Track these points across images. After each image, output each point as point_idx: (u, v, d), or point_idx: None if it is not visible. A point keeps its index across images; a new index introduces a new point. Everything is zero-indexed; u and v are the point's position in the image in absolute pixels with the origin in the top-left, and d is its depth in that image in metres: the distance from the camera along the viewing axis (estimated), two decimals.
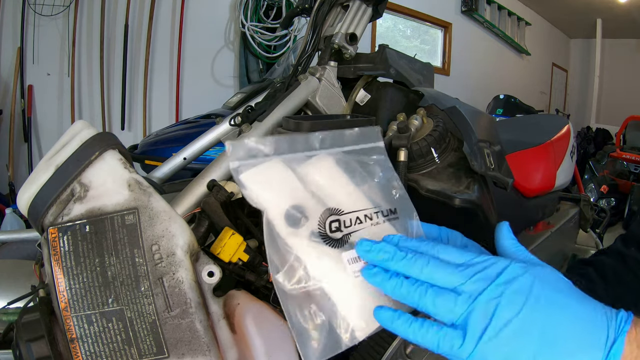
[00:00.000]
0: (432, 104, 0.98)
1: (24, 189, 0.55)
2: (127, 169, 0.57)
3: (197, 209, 0.70)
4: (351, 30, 1.00)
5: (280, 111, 0.90)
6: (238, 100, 2.87)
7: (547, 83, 8.36)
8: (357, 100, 1.06)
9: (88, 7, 3.33)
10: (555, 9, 7.07)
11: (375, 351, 0.74)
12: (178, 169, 1.07)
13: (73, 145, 0.56)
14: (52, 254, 0.51)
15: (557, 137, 1.33)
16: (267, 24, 3.69)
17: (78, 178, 0.54)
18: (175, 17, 3.67)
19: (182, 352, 0.52)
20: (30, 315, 0.51)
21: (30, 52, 3.16)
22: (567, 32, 8.47)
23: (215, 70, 3.96)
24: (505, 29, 6.59)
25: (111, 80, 3.49)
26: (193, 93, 3.87)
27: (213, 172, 0.82)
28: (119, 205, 0.54)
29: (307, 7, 1.08)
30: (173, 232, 0.54)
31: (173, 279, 0.53)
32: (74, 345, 0.49)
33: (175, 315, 0.52)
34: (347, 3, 1.03)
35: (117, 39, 3.45)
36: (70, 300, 0.50)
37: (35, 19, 3.11)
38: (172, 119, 3.68)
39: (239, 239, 0.64)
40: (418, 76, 1.11)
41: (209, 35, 3.87)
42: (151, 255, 0.53)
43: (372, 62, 1.05)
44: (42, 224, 0.54)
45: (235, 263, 0.65)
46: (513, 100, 5.35)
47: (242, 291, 0.64)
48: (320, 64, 1.02)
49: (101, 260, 0.51)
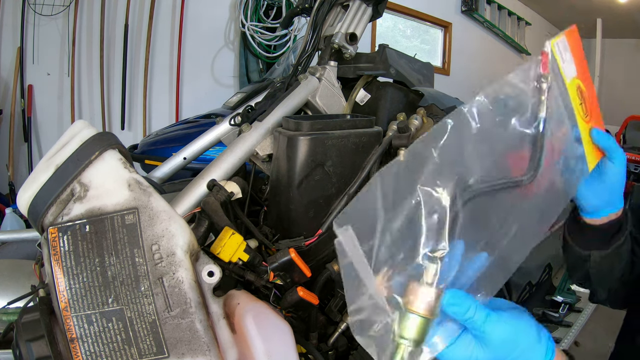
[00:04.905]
0: (432, 103, 0.98)
1: (24, 189, 0.55)
2: (127, 168, 0.57)
3: (197, 208, 0.70)
4: (351, 30, 1.00)
5: (280, 111, 0.90)
6: (238, 100, 2.87)
7: None
8: (357, 100, 1.06)
9: (88, 7, 3.32)
10: (555, 9, 7.06)
11: None
12: (178, 169, 1.07)
13: (73, 145, 0.56)
14: (52, 254, 0.51)
15: None
16: (267, 24, 3.69)
17: (78, 178, 0.54)
18: (175, 17, 3.67)
19: (182, 352, 0.52)
20: (30, 315, 0.51)
21: (30, 52, 3.16)
22: None
23: (215, 70, 3.96)
24: (505, 29, 6.59)
25: (111, 80, 3.48)
26: (193, 93, 3.86)
27: (213, 172, 0.82)
28: (119, 205, 0.54)
29: (307, 7, 1.08)
30: (173, 232, 0.54)
31: (173, 279, 0.53)
32: (74, 345, 0.49)
33: (175, 315, 0.52)
34: (347, 3, 1.03)
35: (117, 39, 3.45)
36: (70, 300, 0.50)
37: (35, 18, 3.11)
38: (172, 119, 3.68)
39: (239, 239, 0.64)
40: (418, 76, 1.11)
41: (209, 35, 3.87)
42: (151, 255, 0.53)
43: (372, 62, 1.05)
44: (42, 224, 0.54)
45: (235, 263, 0.65)
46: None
47: (242, 291, 0.64)
48: (320, 63, 1.02)
49: (101, 260, 0.51)
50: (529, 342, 0.49)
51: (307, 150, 0.79)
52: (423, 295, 0.43)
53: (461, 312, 0.46)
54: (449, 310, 0.46)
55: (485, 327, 0.47)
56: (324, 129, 0.81)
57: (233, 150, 0.85)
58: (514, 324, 0.49)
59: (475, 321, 0.47)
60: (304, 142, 0.79)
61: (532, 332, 0.50)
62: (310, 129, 0.80)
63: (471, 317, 0.46)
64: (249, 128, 0.88)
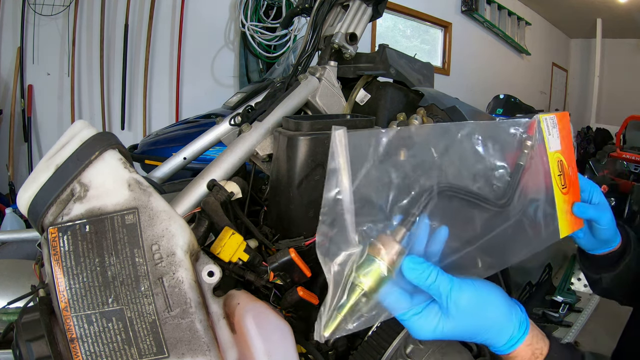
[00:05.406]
0: (432, 103, 0.98)
1: (24, 189, 0.55)
2: (127, 168, 0.57)
3: (197, 208, 0.70)
4: (351, 30, 1.00)
5: (281, 111, 0.90)
6: (238, 100, 2.87)
7: (547, 83, 8.36)
8: (357, 100, 1.06)
9: (88, 7, 3.32)
10: (555, 9, 7.06)
11: (376, 351, 0.74)
12: (178, 169, 1.07)
13: (73, 145, 0.56)
14: (52, 254, 0.51)
15: None
16: (267, 24, 3.69)
17: (78, 178, 0.54)
18: (175, 17, 3.67)
19: (182, 352, 0.52)
20: (30, 315, 0.51)
21: (30, 52, 3.16)
22: (567, 32, 8.47)
23: (215, 70, 3.96)
24: (505, 29, 6.59)
25: (111, 80, 3.48)
26: (193, 93, 3.87)
27: (213, 172, 0.82)
28: (119, 205, 0.54)
29: (307, 7, 1.08)
30: (173, 232, 0.54)
31: (173, 279, 0.53)
32: (74, 345, 0.49)
33: (175, 315, 0.52)
34: (347, 3, 1.03)
35: (117, 39, 3.45)
36: (70, 300, 0.50)
37: (35, 18, 3.11)
38: (172, 119, 3.68)
39: (239, 239, 0.64)
40: (418, 76, 1.11)
41: (209, 35, 3.87)
42: (151, 255, 0.53)
43: (372, 62, 1.05)
44: (42, 224, 0.54)
45: (235, 263, 0.65)
46: (513, 100, 5.35)
47: (242, 291, 0.64)
48: (320, 63, 1.02)
49: (101, 260, 0.51)
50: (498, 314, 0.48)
51: (307, 150, 0.79)
52: (388, 247, 0.46)
53: (422, 278, 0.46)
54: (409, 275, 0.46)
55: (450, 295, 0.46)
56: (324, 129, 0.81)
57: (233, 150, 0.85)
58: (480, 294, 0.47)
59: (437, 287, 0.46)
60: (304, 142, 0.79)
61: (501, 303, 0.48)
62: (310, 129, 0.80)
63: (432, 282, 0.46)
64: (249, 128, 0.88)
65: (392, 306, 0.46)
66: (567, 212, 0.62)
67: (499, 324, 0.47)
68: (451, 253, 0.51)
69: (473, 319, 0.47)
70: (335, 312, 0.44)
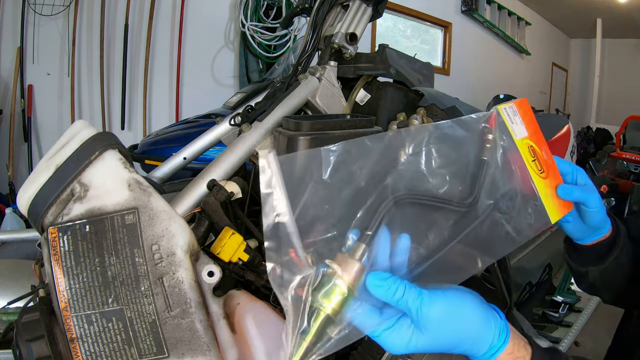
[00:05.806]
0: (432, 103, 0.98)
1: (24, 189, 0.55)
2: (127, 168, 0.57)
3: (197, 208, 0.70)
4: (351, 30, 1.00)
5: (281, 111, 0.90)
6: (238, 100, 2.87)
7: (547, 83, 8.36)
8: (357, 100, 1.06)
9: (88, 7, 3.32)
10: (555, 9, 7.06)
11: (376, 351, 0.74)
12: (178, 169, 1.07)
13: (73, 145, 0.56)
14: (52, 254, 0.51)
15: (557, 137, 1.34)
16: (267, 24, 3.69)
17: (78, 178, 0.54)
18: (175, 17, 3.67)
19: (182, 352, 0.52)
20: (30, 315, 0.51)
21: (30, 52, 3.16)
22: (567, 32, 8.47)
23: (215, 70, 3.96)
24: (505, 29, 6.59)
25: (111, 80, 3.48)
26: (193, 93, 3.86)
27: (213, 172, 0.82)
28: (119, 205, 0.54)
29: (307, 7, 1.08)
30: (173, 232, 0.54)
31: (173, 279, 0.53)
32: (74, 345, 0.49)
33: (175, 315, 0.52)
34: (347, 3, 1.03)
35: (117, 39, 3.45)
36: (70, 300, 0.50)
37: (35, 18, 3.11)
38: (172, 119, 3.68)
39: (239, 239, 0.64)
40: (418, 76, 1.11)
41: (209, 35, 3.87)
42: (151, 255, 0.53)
43: (372, 62, 1.05)
44: (42, 224, 0.54)
45: (235, 263, 0.65)
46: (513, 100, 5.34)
47: (242, 291, 0.64)
48: (320, 63, 1.02)
49: (101, 260, 0.51)
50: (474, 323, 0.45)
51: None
52: (346, 266, 0.43)
53: (389, 294, 0.43)
54: (375, 292, 0.44)
55: (420, 308, 0.43)
56: (324, 129, 0.81)
57: (233, 150, 0.85)
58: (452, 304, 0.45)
59: (405, 302, 0.43)
60: (304, 142, 0.79)
61: (477, 312, 0.45)
62: (310, 129, 0.80)
63: (400, 298, 0.43)
64: (249, 128, 0.88)
65: (361, 325, 0.44)
66: (552, 196, 0.60)
67: (477, 333, 0.45)
68: (421, 261, 0.48)
69: (448, 331, 0.44)
70: (299, 338, 0.42)
